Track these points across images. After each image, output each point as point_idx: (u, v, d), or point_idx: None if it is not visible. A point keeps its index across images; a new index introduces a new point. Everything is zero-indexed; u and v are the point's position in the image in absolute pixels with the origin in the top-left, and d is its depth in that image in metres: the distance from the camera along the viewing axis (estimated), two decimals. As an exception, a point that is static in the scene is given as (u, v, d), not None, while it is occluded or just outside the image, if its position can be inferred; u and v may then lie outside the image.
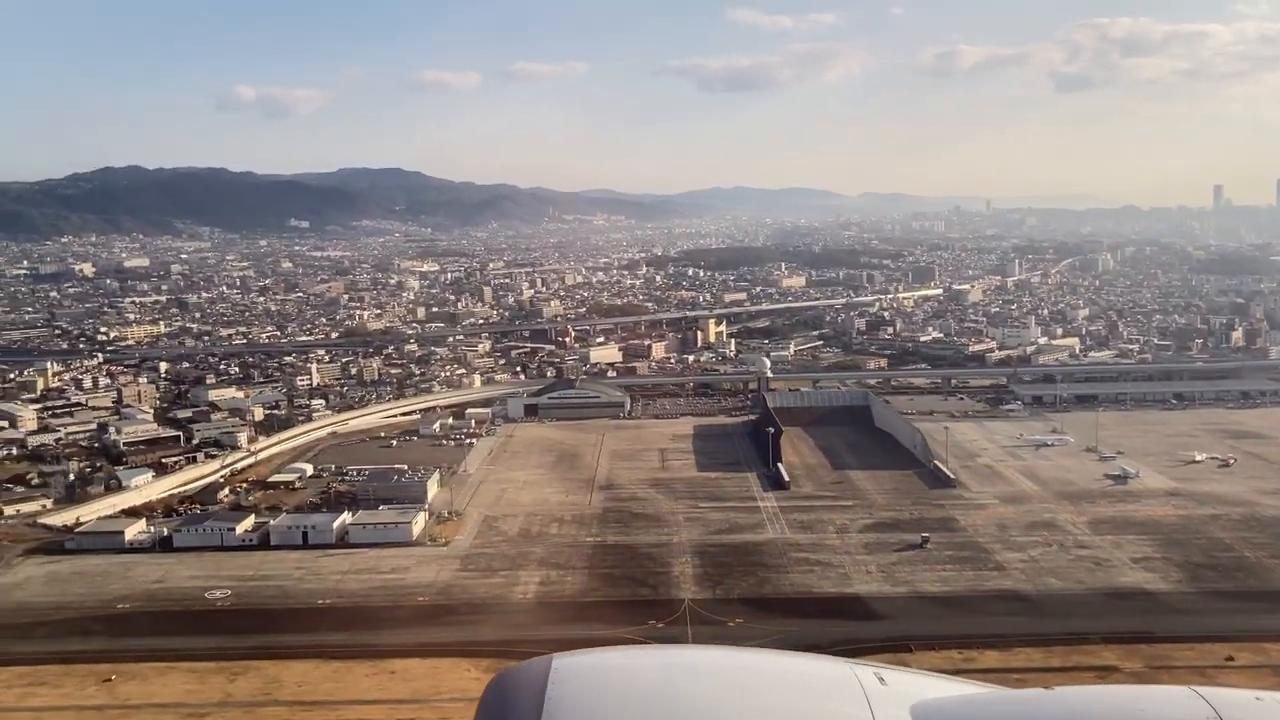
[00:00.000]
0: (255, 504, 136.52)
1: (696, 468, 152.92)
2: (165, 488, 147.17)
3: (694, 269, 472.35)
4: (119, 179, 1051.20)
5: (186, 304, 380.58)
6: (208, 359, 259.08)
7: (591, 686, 11.55)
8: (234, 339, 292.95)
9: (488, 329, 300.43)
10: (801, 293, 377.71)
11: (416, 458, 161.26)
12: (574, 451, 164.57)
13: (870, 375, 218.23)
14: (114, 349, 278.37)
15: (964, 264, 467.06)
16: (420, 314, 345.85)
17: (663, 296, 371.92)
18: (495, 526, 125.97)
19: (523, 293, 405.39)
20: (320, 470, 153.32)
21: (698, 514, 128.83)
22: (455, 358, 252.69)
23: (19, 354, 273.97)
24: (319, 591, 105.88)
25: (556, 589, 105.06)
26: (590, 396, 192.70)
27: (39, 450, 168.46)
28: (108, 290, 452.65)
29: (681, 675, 11.97)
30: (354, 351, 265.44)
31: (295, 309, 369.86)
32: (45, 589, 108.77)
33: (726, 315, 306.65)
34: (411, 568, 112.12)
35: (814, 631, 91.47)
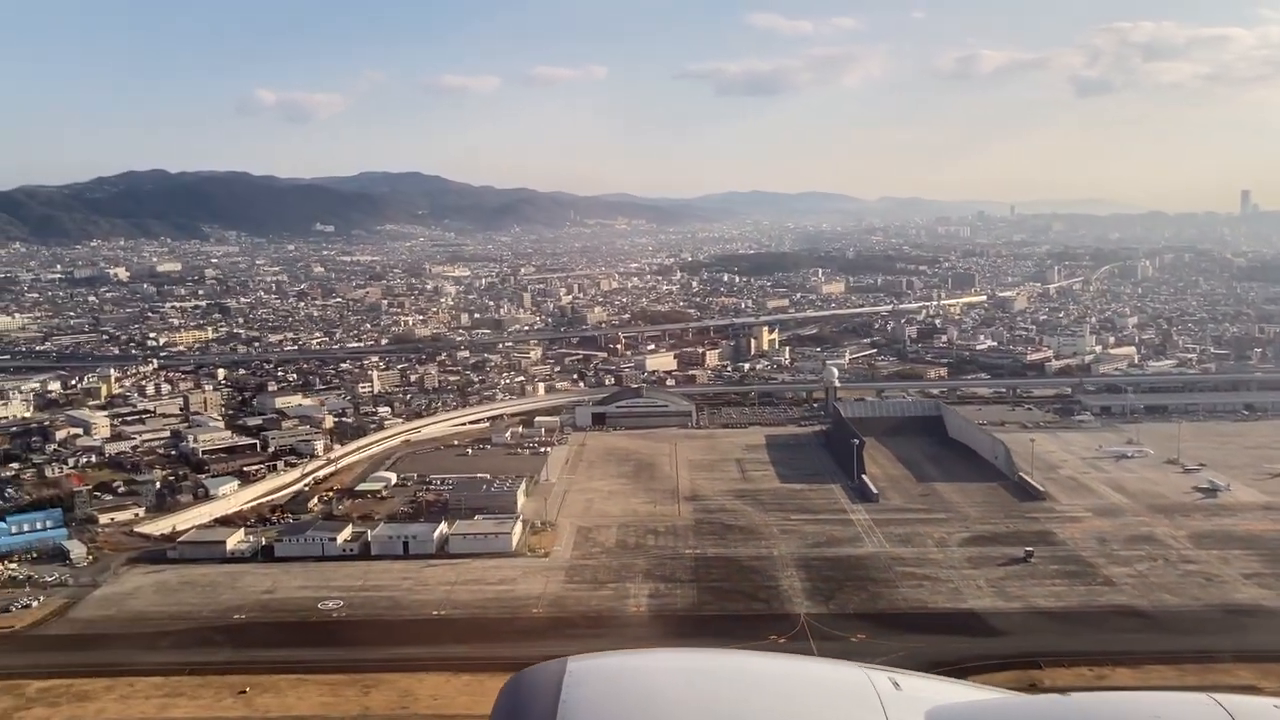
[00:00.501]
0: (347, 513, 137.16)
1: (778, 479, 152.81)
2: (251, 496, 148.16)
3: (728, 274, 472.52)
4: (143, 183, 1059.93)
5: (228, 309, 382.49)
6: (262, 365, 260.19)
7: (606, 689, 11.57)
8: (284, 345, 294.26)
9: (535, 335, 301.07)
10: (842, 299, 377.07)
11: (495, 466, 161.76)
12: (650, 461, 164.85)
13: (932, 385, 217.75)
14: (167, 355, 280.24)
15: (1000, 270, 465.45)
16: (464, 320, 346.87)
17: (703, 303, 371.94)
18: (591, 537, 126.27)
19: (561, 299, 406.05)
20: (404, 479, 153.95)
21: (791, 526, 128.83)
22: (510, 365, 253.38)
23: (74, 359, 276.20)
24: (431, 602, 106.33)
25: (668, 602, 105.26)
26: (657, 405, 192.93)
27: (118, 458, 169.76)
28: (145, 295, 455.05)
29: (696, 679, 11.97)
30: (408, 358, 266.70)
31: (337, 314, 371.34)
32: (158, 598, 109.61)
33: (773, 322, 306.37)
34: (518, 579, 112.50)
35: (939, 648, 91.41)
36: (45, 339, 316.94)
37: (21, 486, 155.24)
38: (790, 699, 11.53)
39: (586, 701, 11.05)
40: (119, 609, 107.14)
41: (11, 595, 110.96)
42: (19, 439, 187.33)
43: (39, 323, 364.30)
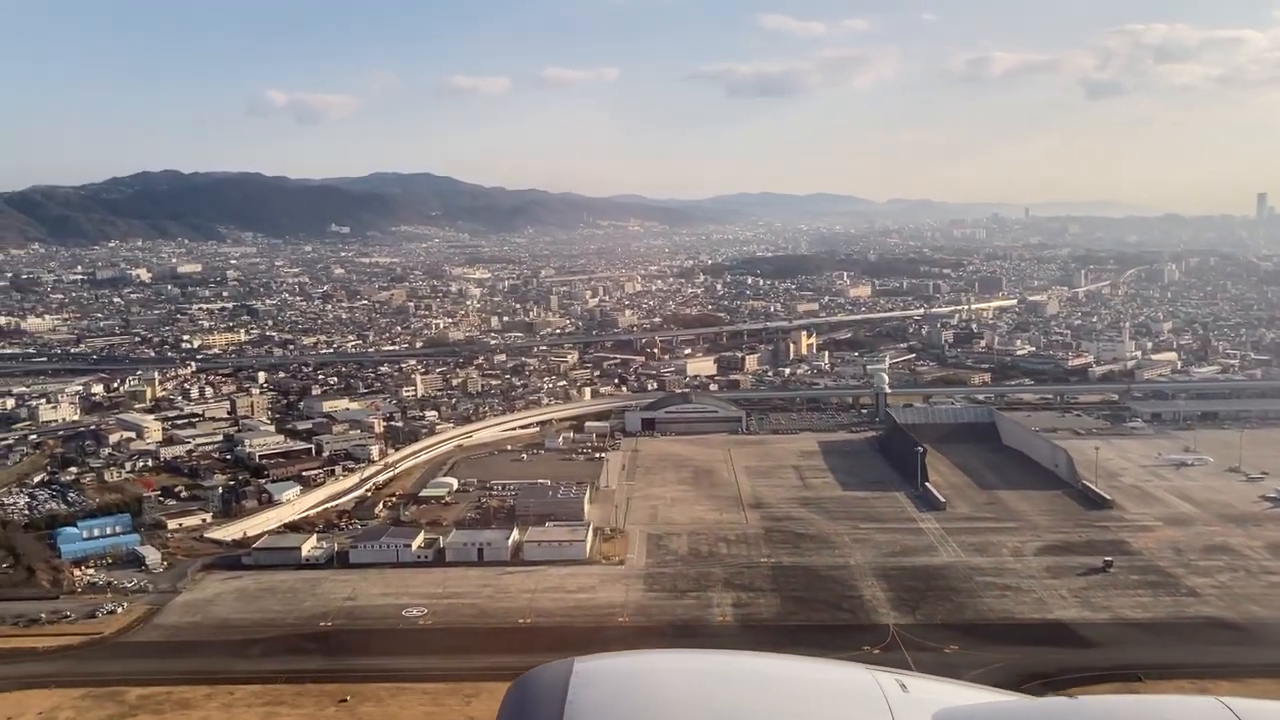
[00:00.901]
0: (414, 519, 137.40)
1: (840, 487, 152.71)
2: (313, 502, 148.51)
3: (751, 277, 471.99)
4: (157, 183, 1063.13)
5: (256, 311, 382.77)
6: (300, 368, 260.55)
7: (613, 690, 11.56)
8: (319, 348, 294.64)
9: (569, 339, 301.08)
10: (871, 303, 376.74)
11: (552, 472, 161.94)
12: (707, 468, 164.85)
13: (977, 390, 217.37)
14: (203, 357, 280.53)
15: (1025, 274, 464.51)
16: (494, 323, 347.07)
17: (732, 306, 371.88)
18: (662, 545, 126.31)
19: (587, 301, 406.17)
20: (465, 484, 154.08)
21: (863, 535, 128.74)
22: (548, 369, 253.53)
23: (111, 362, 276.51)
24: (515, 610, 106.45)
25: (753, 612, 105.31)
26: (707, 411, 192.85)
27: (174, 462, 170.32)
28: (170, 296, 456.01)
29: (703, 680, 11.96)
30: (444, 362, 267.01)
31: (365, 317, 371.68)
32: (240, 605, 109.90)
33: (806, 326, 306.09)
34: (597, 587, 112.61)
35: (1034, 660, 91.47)
36: (78, 341, 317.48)
37: (83, 491, 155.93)
38: (798, 701, 11.50)
39: (593, 702, 11.05)
40: (204, 616, 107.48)
41: (94, 601, 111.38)
42: (70, 442, 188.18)
43: (68, 324, 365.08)
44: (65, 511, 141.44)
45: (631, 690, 11.76)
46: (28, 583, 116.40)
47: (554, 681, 11.54)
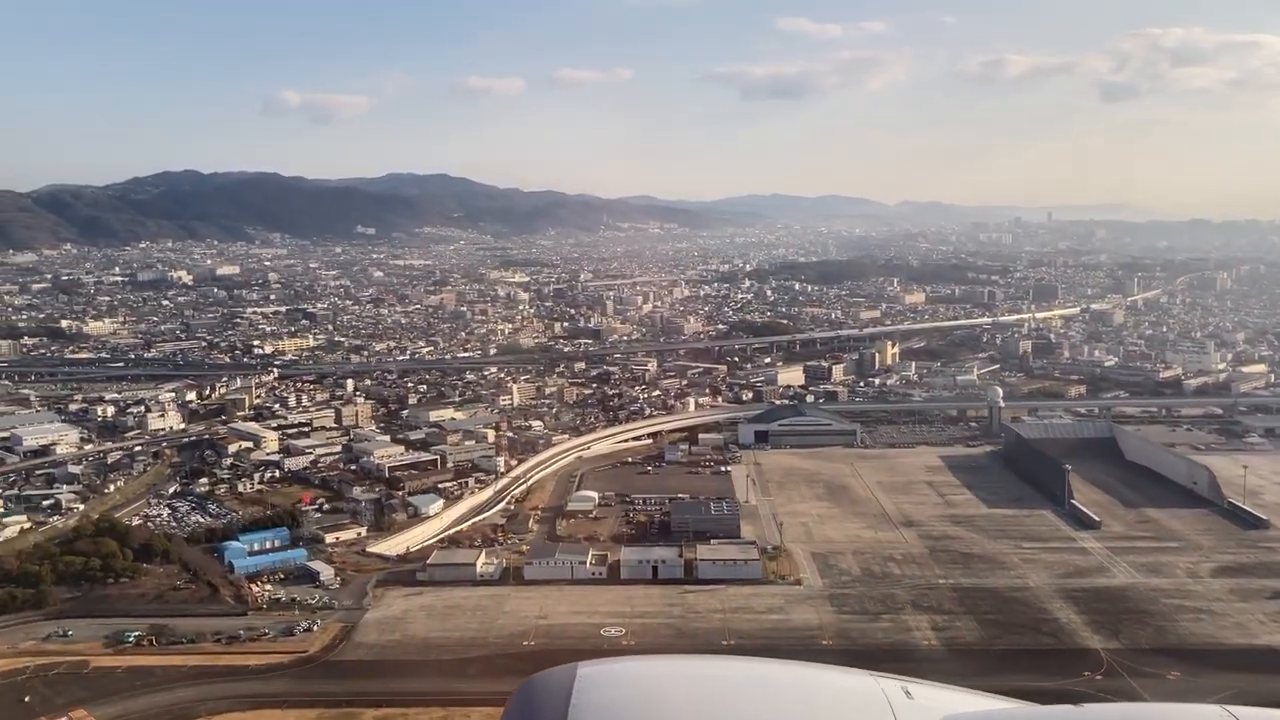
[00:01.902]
0: (570, 534, 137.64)
1: (984, 504, 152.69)
2: (457, 515, 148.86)
3: (798, 283, 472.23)
4: (180, 183, 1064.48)
5: (314, 316, 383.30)
6: (383, 375, 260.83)
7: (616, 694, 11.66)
8: (393, 354, 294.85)
9: (642, 346, 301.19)
10: (930, 310, 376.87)
11: (682, 485, 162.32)
12: (838, 483, 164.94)
13: (1076, 404, 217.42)
14: (280, 364, 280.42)
15: (1074, 281, 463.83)
16: (557, 329, 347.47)
17: (790, 313, 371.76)
18: (831, 564, 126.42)
19: (640, 307, 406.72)
20: (604, 498, 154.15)
21: (1029, 555, 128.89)
22: (632, 377, 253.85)
23: (191, 368, 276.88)
24: (715, 631, 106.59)
25: (954, 635, 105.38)
26: (823, 424, 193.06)
27: (302, 473, 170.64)
28: (217, 299, 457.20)
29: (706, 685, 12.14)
30: (525, 369, 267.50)
31: (424, 321, 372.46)
32: (435, 623, 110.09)
33: (879, 335, 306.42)
34: (785, 608, 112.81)
35: (1267, 687, 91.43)
36: (148, 345, 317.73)
37: (220, 502, 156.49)
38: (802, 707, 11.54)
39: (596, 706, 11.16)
40: (402, 634, 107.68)
41: (284, 618, 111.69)
42: (185, 451, 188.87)
43: (127, 327, 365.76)
44: (218, 525, 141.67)
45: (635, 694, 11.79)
46: (212, 598, 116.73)
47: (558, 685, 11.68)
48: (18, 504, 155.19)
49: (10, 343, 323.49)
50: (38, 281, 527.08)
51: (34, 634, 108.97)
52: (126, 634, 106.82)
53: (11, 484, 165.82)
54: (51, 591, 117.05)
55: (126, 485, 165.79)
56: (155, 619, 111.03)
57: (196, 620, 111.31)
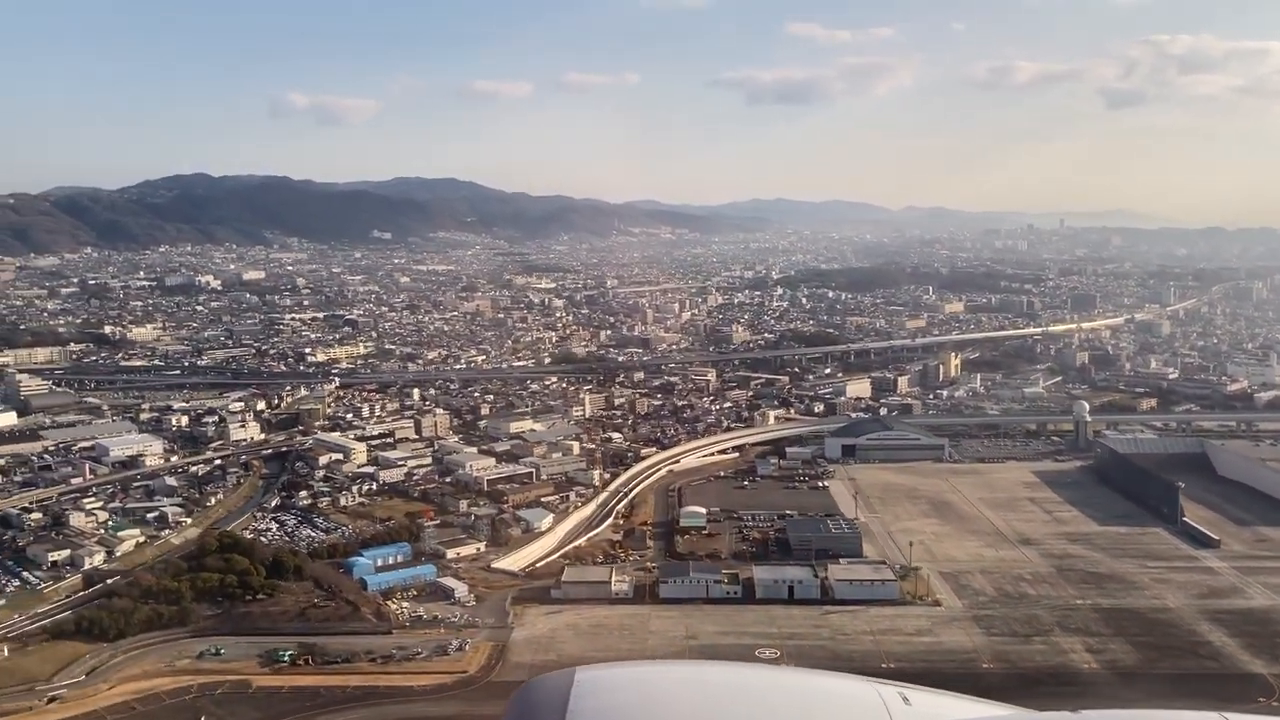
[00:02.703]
0: (691, 552, 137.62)
1: (1093, 521, 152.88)
2: (567, 529, 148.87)
3: (832, 290, 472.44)
4: (192, 186, 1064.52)
5: (356, 323, 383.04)
6: (446, 385, 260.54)
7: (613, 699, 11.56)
8: (449, 363, 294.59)
9: (698, 356, 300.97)
10: (972, 319, 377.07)
11: (784, 501, 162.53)
12: (940, 499, 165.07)
13: (1151, 418, 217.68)
14: (337, 372, 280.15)
15: (1109, 290, 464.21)
16: (602, 337, 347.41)
17: (833, 321, 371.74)
18: (963, 584, 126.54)
19: (680, 314, 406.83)
20: (711, 514, 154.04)
21: (1156, 574, 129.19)
22: (695, 387, 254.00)
23: (249, 377, 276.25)
24: (868, 654, 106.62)
25: (1112, 658, 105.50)
26: (910, 439, 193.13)
27: (399, 486, 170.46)
28: (250, 304, 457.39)
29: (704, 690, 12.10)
30: (585, 378, 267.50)
31: (466, 329, 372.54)
32: (586, 643, 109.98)
33: (930, 346, 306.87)
34: (933, 630, 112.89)
35: None
36: (199, 353, 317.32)
37: (326, 516, 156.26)
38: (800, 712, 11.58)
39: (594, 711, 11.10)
40: (557, 653, 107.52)
41: (431, 637, 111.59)
42: (273, 462, 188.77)
43: (169, 333, 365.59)
44: (339, 541, 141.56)
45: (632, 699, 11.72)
46: (354, 616, 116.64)
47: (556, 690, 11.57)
48: (121, 517, 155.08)
49: (58, 349, 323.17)
50: (65, 285, 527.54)
51: (185, 652, 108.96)
52: (280, 653, 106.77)
53: (110, 496, 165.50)
54: (193, 609, 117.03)
55: (225, 498, 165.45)
56: (302, 637, 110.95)
57: (344, 639, 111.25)
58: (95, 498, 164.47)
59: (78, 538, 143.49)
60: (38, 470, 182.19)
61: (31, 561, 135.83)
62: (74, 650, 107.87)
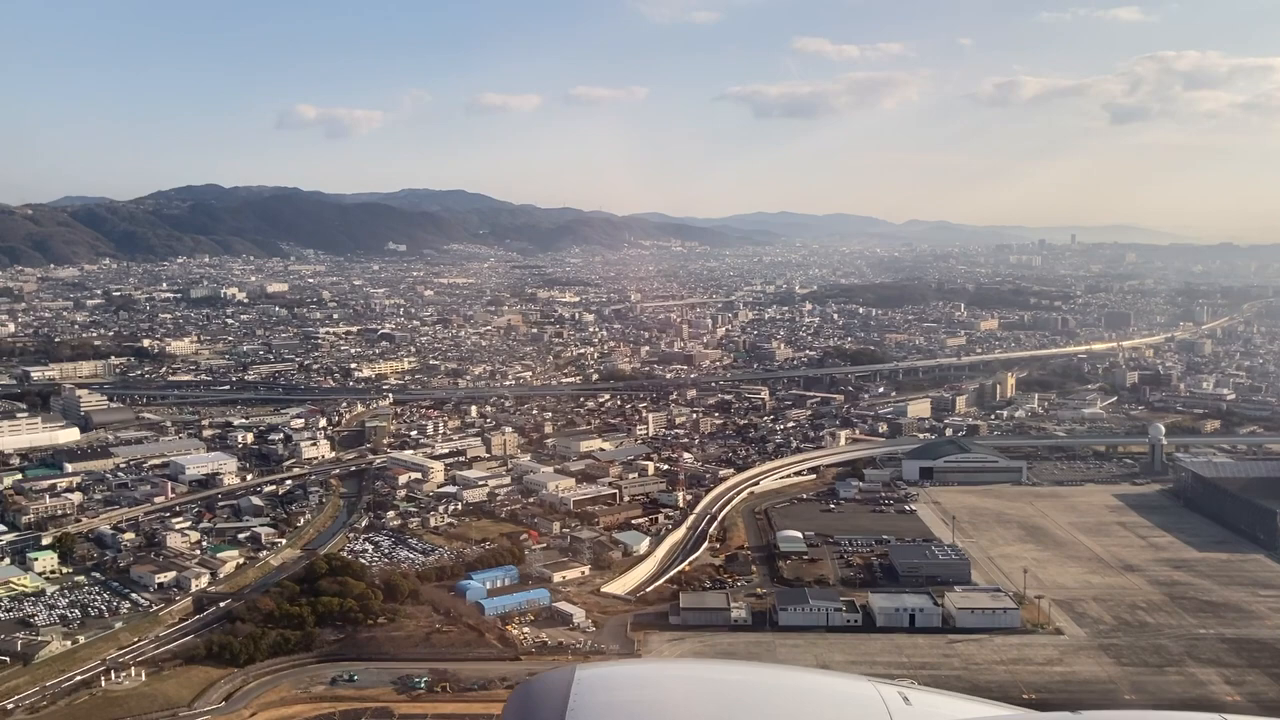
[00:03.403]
0: (798, 578, 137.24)
1: (1190, 548, 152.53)
2: (664, 552, 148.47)
3: (863, 307, 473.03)
4: (204, 197, 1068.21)
5: (393, 338, 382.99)
6: (501, 402, 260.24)
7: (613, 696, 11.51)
8: (496, 379, 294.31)
9: (745, 374, 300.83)
10: (1009, 338, 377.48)
11: (875, 525, 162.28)
12: (1030, 523, 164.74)
13: (1219, 440, 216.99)
14: (388, 388, 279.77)
15: (1136, 308, 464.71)
16: (644, 353, 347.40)
17: (871, 339, 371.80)
18: (1079, 612, 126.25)
19: (714, 330, 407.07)
20: (807, 538, 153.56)
21: (1272, 603, 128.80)
22: (753, 406, 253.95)
23: (300, 392, 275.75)
24: (1007, 684, 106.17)
25: (1255, 690, 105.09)
26: (988, 461, 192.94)
27: (485, 507, 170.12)
28: (280, 318, 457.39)
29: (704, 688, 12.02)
30: (638, 395, 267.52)
31: (502, 343, 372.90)
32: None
33: (976, 364, 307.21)
34: (1063, 659, 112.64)
35: None
36: (244, 367, 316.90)
37: (419, 536, 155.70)
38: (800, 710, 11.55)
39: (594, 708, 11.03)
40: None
41: (560, 661, 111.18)
42: (349, 481, 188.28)
43: (205, 347, 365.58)
44: (446, 563, 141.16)
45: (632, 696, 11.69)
46: (479, 642, 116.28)
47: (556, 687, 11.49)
48: (213, 537, 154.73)
49: (101, 363, 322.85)
50: (88, 297, 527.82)
51: (318, 678, 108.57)
52: (415, 680, 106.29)
53: (197, 516, 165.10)
54: (315, 633, 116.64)
55: (313, 518, 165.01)
56: (432, 663, 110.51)
57: (474, 665, 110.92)
58: (183, 517, 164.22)
59: (178, 558, 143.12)
60: (115, 488, 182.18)
61: (136, 582, 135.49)
62: (207, 675, 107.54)
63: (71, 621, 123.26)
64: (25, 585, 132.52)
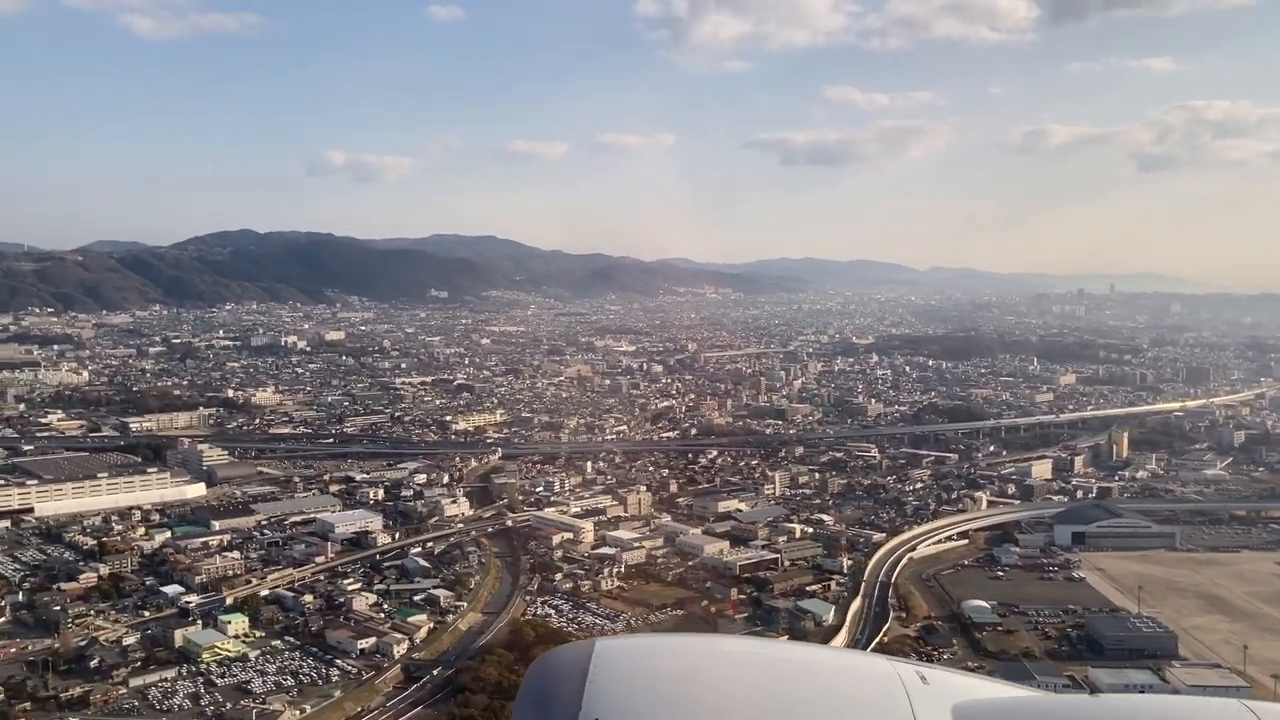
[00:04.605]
0: (1003, 650, 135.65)
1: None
2: (849, 621, 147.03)
3: (926, 358, 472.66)
4: (241, 242, 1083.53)
5: (472, 389, 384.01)
6: (611, 457, 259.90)
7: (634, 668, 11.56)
8: (595, 434, 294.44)
9: (851, 432, 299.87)
10: (1092, 393, 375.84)
11: (1051, 593, 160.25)
12: (1204, 592, 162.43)
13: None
14: (492, 442, 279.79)
15: (1211, 362, 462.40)
16: (729, 407, 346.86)
17: (952, 393, 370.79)
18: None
19: (789, 382, 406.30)
20: (996, 609, 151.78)
21: None
22: (867, 465, 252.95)
23: (407, 446, 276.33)
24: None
25: None
26: (1140, 527, 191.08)
27: (647, 569, 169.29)
28: (348, 367, 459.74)
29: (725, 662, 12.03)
30: (743, 452, 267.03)
31: (581, 395, 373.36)
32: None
33: (1075, 422, 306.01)
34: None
35: None
36: (340, 419, 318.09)
37: (597, 601, 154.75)
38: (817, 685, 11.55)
39: (614, 680, 11.10)
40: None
41: None
42: (498, 540, 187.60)
43: (288, 397, 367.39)
44: (646, 630, 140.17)
45: (652, 668, 11.82)
46: None
47: (575, 659, 11.54)
48: (391, 599, 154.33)
49: (194, 415, 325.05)
50: (149, 344, 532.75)
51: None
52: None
53: (365, 577, 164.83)
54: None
55: (482, 579, 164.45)
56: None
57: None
58: (351, 578, 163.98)
59: (368, 623, 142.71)
60: (267, 546, 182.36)
61: (335, 648, 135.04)
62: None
63: (288, 689, 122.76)
64: (229, 650, 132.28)
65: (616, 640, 12.95)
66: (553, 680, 11.52)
